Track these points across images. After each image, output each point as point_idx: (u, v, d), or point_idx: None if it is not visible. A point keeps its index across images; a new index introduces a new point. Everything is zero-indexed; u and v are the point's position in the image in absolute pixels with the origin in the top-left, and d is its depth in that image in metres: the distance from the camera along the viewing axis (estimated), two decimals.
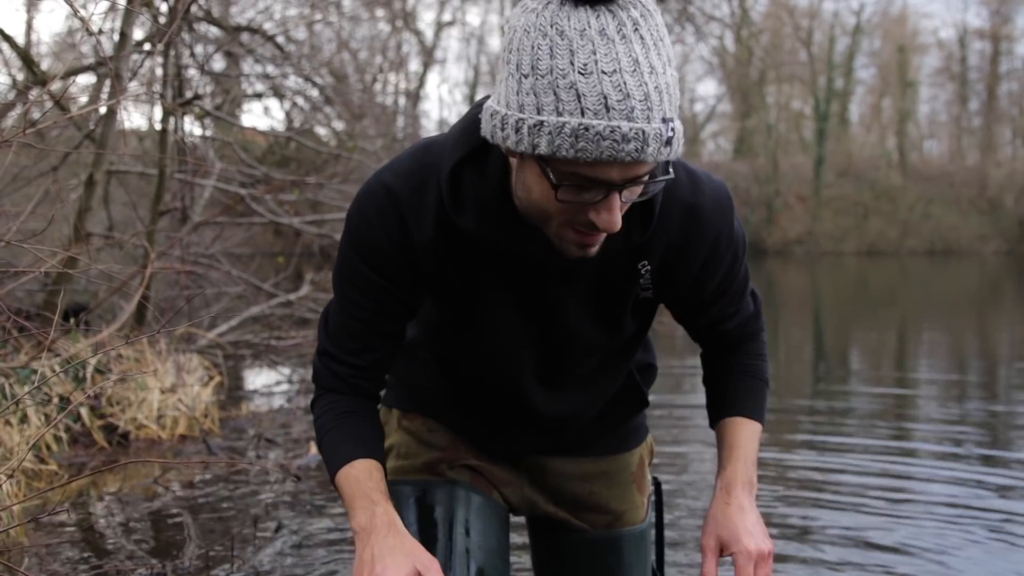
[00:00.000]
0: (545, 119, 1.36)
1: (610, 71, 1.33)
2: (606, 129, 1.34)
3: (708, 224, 1.64)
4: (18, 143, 2.87)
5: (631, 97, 1.33)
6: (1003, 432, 5.55)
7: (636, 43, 1.35)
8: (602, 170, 1.38)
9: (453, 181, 1.58)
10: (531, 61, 1.37)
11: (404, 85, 32.23)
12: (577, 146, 1.35)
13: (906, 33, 40.33)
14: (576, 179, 1.40)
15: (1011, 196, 35.92)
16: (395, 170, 1.65)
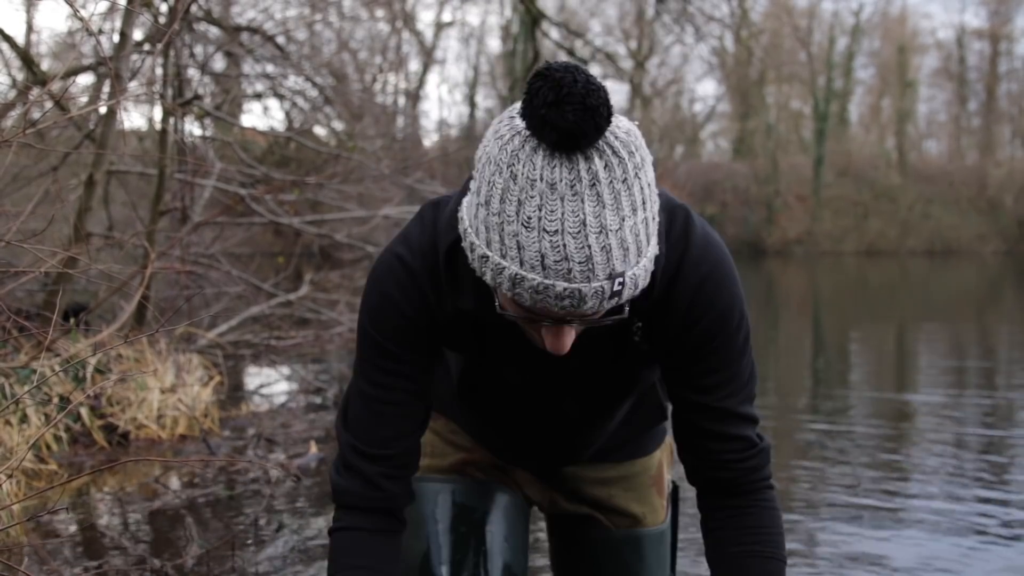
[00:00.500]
0: (490, 255, 1.35)
1: (552, 231, 1.29)
2: (540, 286, 1.32)
3: (688, 278, 1.56)
4: (18, 143, 2.87)
5: (569, 260, 1.29)
6: (1003, 430, 5.56)
7: (588, 201, 1.29)
8: (543, 310, 1.36)
9: (449, 263, 1.56)
10: (487, 195, 1.35)
11: (404, 85, 32.23)
12: (514, 291, 1.34)
13: (905, 33, 40.33)
14: (520, 311, 1.39)
15: (1010, 196, 35.92)
16: (410, 246, 1.61)
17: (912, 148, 40.22)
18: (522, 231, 1.31)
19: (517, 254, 1.32)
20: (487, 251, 1.36)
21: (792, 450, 4.99)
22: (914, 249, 34.83)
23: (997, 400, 6.68)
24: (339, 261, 10.40)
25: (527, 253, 1.31)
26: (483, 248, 1.37)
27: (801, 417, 5.96)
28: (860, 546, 3.41)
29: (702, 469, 1.64)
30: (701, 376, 1.60)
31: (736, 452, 1.61)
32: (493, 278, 1.36)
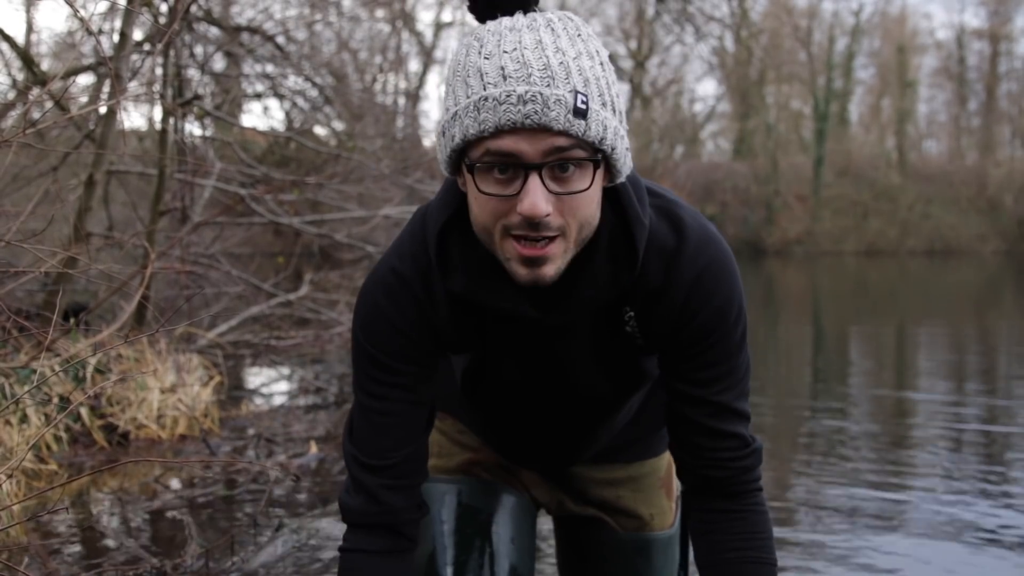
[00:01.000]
0: (456, 108, 1.40)
1: (511, 50, 1.37)
2: (502, 94, 1.35)
3: (685, 272, 1.55)
4: (18, 143, 2.87)
5: (528, 65, 1.36)
6: (1003, 429, 5.56)
7: (544, 32, 1.39)
8: (511, 143, 1.37)
9: (440, 244, 1.56)
10: (452, 67, 1.43)
11: (404, 85, 32.27)
12: (479, 118, 1.37)
13: (905, 33, 40.33)
14: (489, 157, 1.39)
15: (1010, 196, 35.93)
16: (401, 254, 1.62)
17: (912, 148, 40.22)
18: (483, 62, 1.38)
19: (480, 82, 1.37)
20: (455, 107, 1.41)
21: (792, 447, 4.99)
22: (914, 249, 34.84)
23: (997, 400, 6.68)
24: (339, 261, 10.40)
25: (489, 77, 1.37)
26: (451, 111, 1.41)
27: (802, 415, 5.96)
28: (859, 543, 3.41)
29: (695, 467, 1.63)
30: (698, 370, 1.59)
31: (730, 451, 1.61)
32: (461, 128, 1.40)
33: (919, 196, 36.21)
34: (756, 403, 6.08)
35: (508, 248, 1.46)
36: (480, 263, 1.54)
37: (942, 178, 37.32)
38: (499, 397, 1.75)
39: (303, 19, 10.09)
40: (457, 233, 1.55)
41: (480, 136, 1.38)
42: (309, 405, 6.15)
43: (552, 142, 1.38)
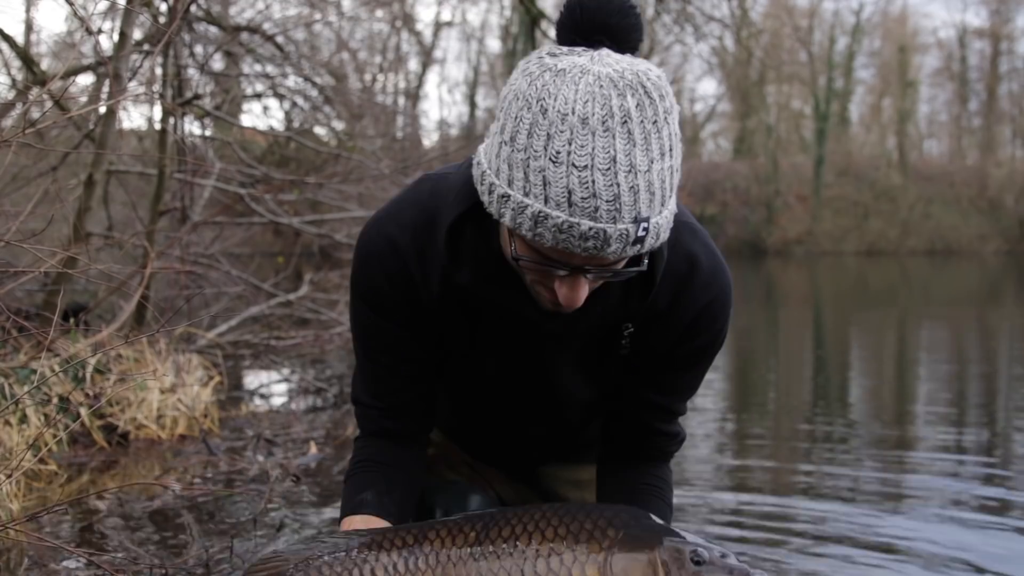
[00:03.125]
0: (512, 194, 1.33)
1: (581, 166, 1.27)
2: (564, 224, 1.30)
3: (695, 300, 1.60)
4: (18, 143, 2.87)
5: (597, 196, 1.28)
6: (1004, 431, 5.55)
7: (620, 138, 1.28)
8: (562, 255, 1.35)
9: (452, 236, 1.56)
10: (512, 131, 1.33)
11: (403, 85, 32.26)
12: (536, 231, 1.32)
13: (906, 33, 40.32)
14: (537, 256, 1.38)
15: (1011, 196, 35.92)
16: (400, 222, 1.61)
17: (913, 148, 40.21)
18: (549, 166, 1.29)
19: (542, 191, 1.30)
20: (508, 190, 1.34)
21: (791, 459, 4.98)
22: (915, 249, 34.84)
23: (997, 399, 6.67)
24: (339, 261, 10.38)
25: (553, 189, 1.29)
26: (504, 187, 1.35)
27: (801, 415, 5.95)
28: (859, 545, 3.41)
29: (623, 444, 1.76)
30: (671, 382, 1.69)
31: (665, 443, 1.77)
32: (513, 219, 1.34)
33: (920, 196, 36.20)
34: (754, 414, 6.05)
35: (540, 293, 1.48)
36: (490, 261, 1.55)
37: (943, 178, 37.31)
38: (477, 392, 1.76)
39: (303, 19, 10.08)
40: (471, 228, 1.54)
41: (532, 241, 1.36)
42: (309, 406, 6.15)
43: (603, 262, 1.38)
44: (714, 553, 1.51)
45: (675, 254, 1.57)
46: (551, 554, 1.54)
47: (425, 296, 1.61)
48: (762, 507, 3.82)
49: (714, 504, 3.88)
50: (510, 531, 1.58)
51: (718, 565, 1.48)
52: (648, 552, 1.50)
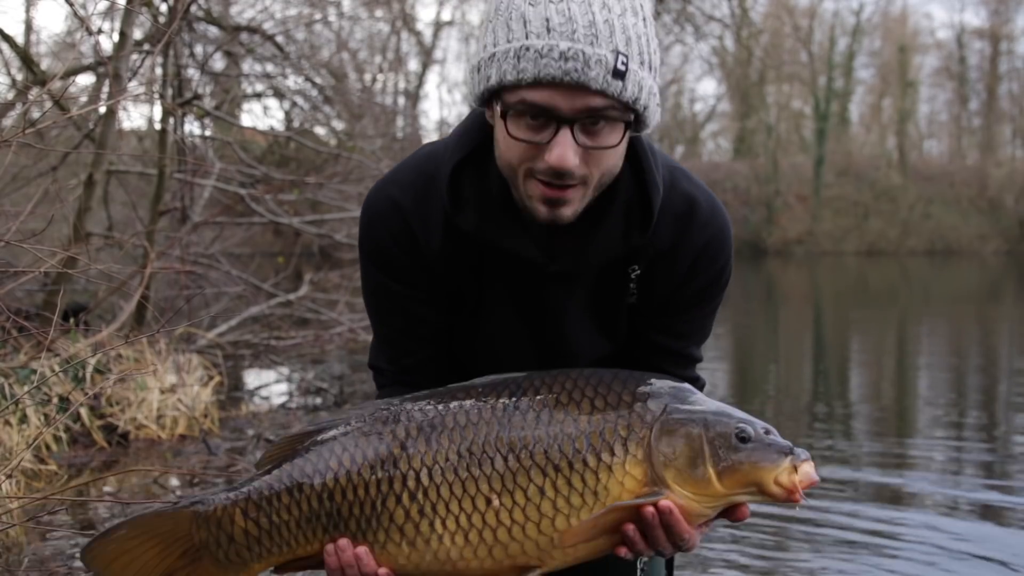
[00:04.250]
0: (496, 50, 1.43)
1: (557, 0, 1.39)
2: (544, 47, 1.39)
3: (697, 237, 1.65)
4: (18, 143, 2.87)
5: (573, 20, 1.38)
6: (1002, 430, 5.55)
7: None
8: (547, 96, 1.41)
9: (453, 181, 1.61)
10: (494, 5, 1.46)
11: (403, 85, 32.26)
12: (519, 67, 1.41)
13: (906, 33, 40.30)
14: (523, 106, 1.43)
15: (1011, 196, 35.90)
16: (399, 182, 1.68)
17: (913, 148, 40.19)
18: (528, 8, 1.41)
19: (523, 29, 1.40)
20: (493, 49, 1.44)
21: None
22: (915, 249, 34.82)
23: (996, 400, 6.67)
24: (339, 261, 10.38)
25: (533, 25, 1.40)
26: (489, 51, 1.44)
27: (801, 420, 5.95)
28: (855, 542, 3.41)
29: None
30: (680, 324, 1.70)
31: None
32: (499, 71, 1.43)
33: (920, 196, 36.18)
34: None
35: (531, 188, 1.51)
36: (493, 204, 1.60)
37: (943, 178, 37.29)
38: (487, 352, 1.76)
39: (303, 19, 10.08)
40: (472, 172, 1.60)
41: (517, 84, 1.42)
42: (309, 406, 6.14)
43: (587, 101, 1.42)
44: (759, 429, 1.47)
45: (673, 195, 1.64)
46: (591, 430, 1.49)
47: (429, 252, 1.65)
48: (760, 504, 3.82)
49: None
50: (542, 402, 1.51)
51: (764, 442, 1.46)
52: (693, 430, 1.46)
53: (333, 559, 1.52)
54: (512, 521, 1.50)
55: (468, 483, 1.50)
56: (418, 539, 1.52)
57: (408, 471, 1.52)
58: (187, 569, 1.57)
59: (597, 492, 1.47)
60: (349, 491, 1.53)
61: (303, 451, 1.57)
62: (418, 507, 1.51)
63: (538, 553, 1.51)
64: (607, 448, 1.48)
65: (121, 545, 1.56)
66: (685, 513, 1.45)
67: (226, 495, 1.58)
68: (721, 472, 1.45)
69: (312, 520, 1.54)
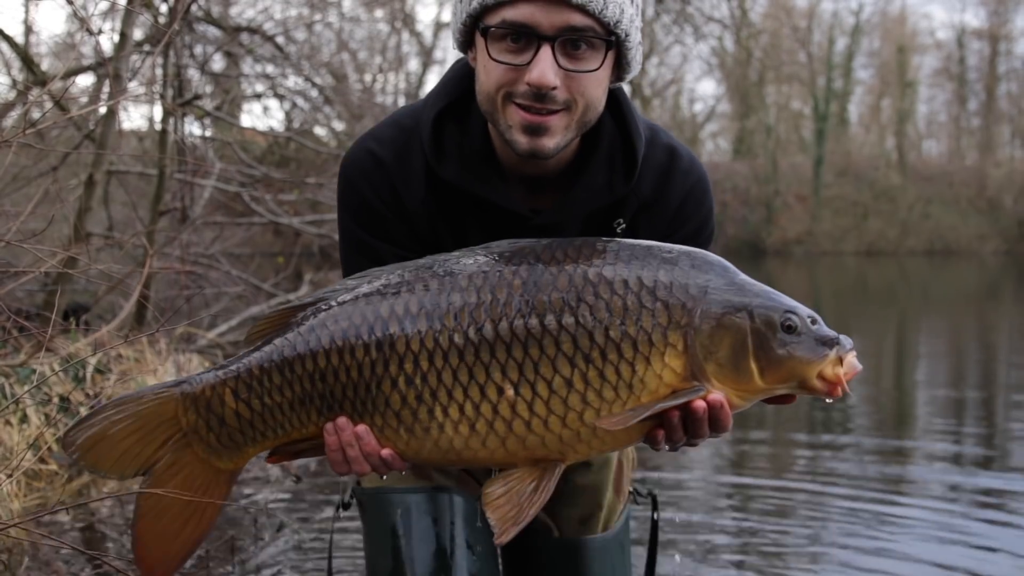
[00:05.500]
0: None
1: None
2: None
3: (679, 185, 1.67)
4: (18, 143, 2.87)
5: None
6: (1001, 432, 5.55)
7: None
8: (528, 12, 1.42)
9: (435, 131, 1.60)
10: None
11: (403, 85, 32.20)
12: None
13: (905, 33, 40.30)
14: (505, 26, 1.44)
15: (1010, 196, 35.88)
16: (377, 137, 1.67)
17: (912, 148, 40.18)
18: None
19: None
20: None
21: (790, 456, 4.99)
22: (914, 249, 34.81)
23: (996, 400, 6.67)
24: (339, 261, 10.38)
25: None
26: None
27: (799, 420, 5.95)
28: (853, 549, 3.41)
29: None
30: None
31: None
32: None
33: (919, 196, 36.17)
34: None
35: (511, 114, 1.50)
36: (474, 155, 1.59)
37: (942, 178, 37.28)
38: None
39: (303, 19, 10.08)
40: (453, 122, 1.60)
41: (498, 2, 1.43)
42: None
43: (568, 18, 1.43)
44: (804, 318, 1.39)
45: (653, 147, 1.66)
46: (625, 316, 1.35)
47: (411, 206, 1.63)
48: (761, 496, 3.83)
49: (713, 490, 3.88)
50: (567, 280, 1.35)
51: (810, 334, 1.37)
52: (738, 321, 1.36)
53: (332, 438, 1.45)
54: (532, 413, 1.37)
55: (476, 370, 1.37)
56: (416, 426, 1.41)
57: (405, 352, 1.39)
58: (174, 456, 1.47)
59: (632, 385, 1.35)
60: (342, 372, 1.41)
61: (295, 325, 1.46)
62: (415, 393, 1.40)
63: (560, 447, 1.39)
64: (644, 337, 1.35)
65: (102, 429, 1.45)
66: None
67: (214, 374, 1.48)
68: (764, 367, 1.37)
69: (306, 402, 1.44)
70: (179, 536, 1.50)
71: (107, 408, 1.48)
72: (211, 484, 1.50)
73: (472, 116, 1.59)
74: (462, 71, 1.63)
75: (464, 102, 1.60)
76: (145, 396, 1.48)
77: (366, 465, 1.45)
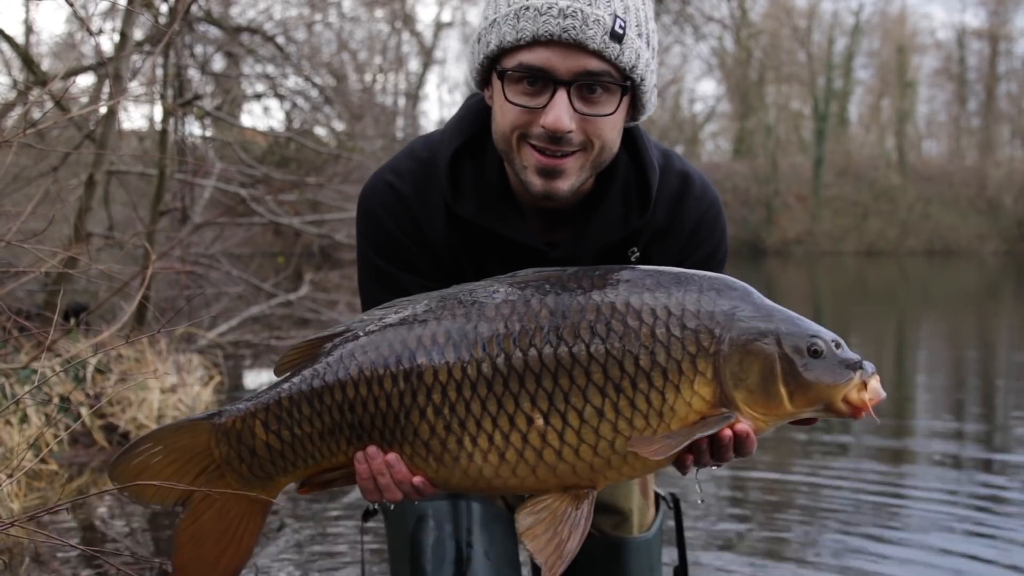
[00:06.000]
0: (496, 17, 1.46)
1: None
2: (544, 5, 1.41)
3: (692, 210, 1.67)
4: (18, 143, 2.87)
5: None
6: (1000, 431, 5.56)
7: None
8: (545, 57, 1.43)
9: (452, 169, 1.61)
10: None
11: (403, 85, 32.23)
12: (518, 26, 1.42)
13: (905, 33, 40.30)
14: (522, 69, 1.44)
15: (1010, 196, 35.89)
16: (396, 170, 1.67)
17: (912, 148, 40.18)
18: None
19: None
20: (494, 15, 1.47)
21: (790, 458, 4.99)
22: (914, 249, 34.82)
23: (995, 399, 6.68)
24: (339, 261, 10.39)
25: None
26: (491, 17, 1.47)
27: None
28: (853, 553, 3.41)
29: None
30: None
31: None
32: (498, 35, 1.45)
33: (919, 196, 36.18)
34: None
35: (526, 156, 1.51)
36: (491, 191, 1.60)
37: (942, 178, 37.28)
38: None
39: (303, 19, 10.09)
40: (469, 159, 1.61)
41: (516, 45, 1.44)
42: None
43: (584, 63, 1.44)
44: (829, 342, 1.42)
45: (667, 174, 1.67)
46: (654, 344, 1.35)
47: (433, 239, 1.63)
48: (759, 495, 3.83)
49: (714, 487, 3.89)
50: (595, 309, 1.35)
51: (835, 358, 1.40)
52: (767, 348, 1.38)
53: (363, 467, 1.45)
54: (562, 443, 1.37)
55: (505, 400, 1.37)
56: (445, 456, 1.41)
57: (433, 383, 1.39)
58: (210, 487, 1.51)
59: (663, 413, 1.36)
60: (370, 403, 1.42)
61: (323, 356, 1.46)
62: (444, 423, 1.40)
63: (590, 474, 1.40)
64: (675, 366, 1.36)
65: (143, 460, 1.49)
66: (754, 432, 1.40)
67: (245, 405, 1.49)
68: (793, 392, 1.39)
69: (335, 432, 1.45)
70: (217, 566, 1.57)
71: (146, 440, 1.52)
72: (246, 514, 1.53)
73: (488, 153, 1.60)
74: (477, 107, 1.64)
75: (480, 138, 1.61)
76: (181, 428, 1.52)
77: (398, 492, 1.46)
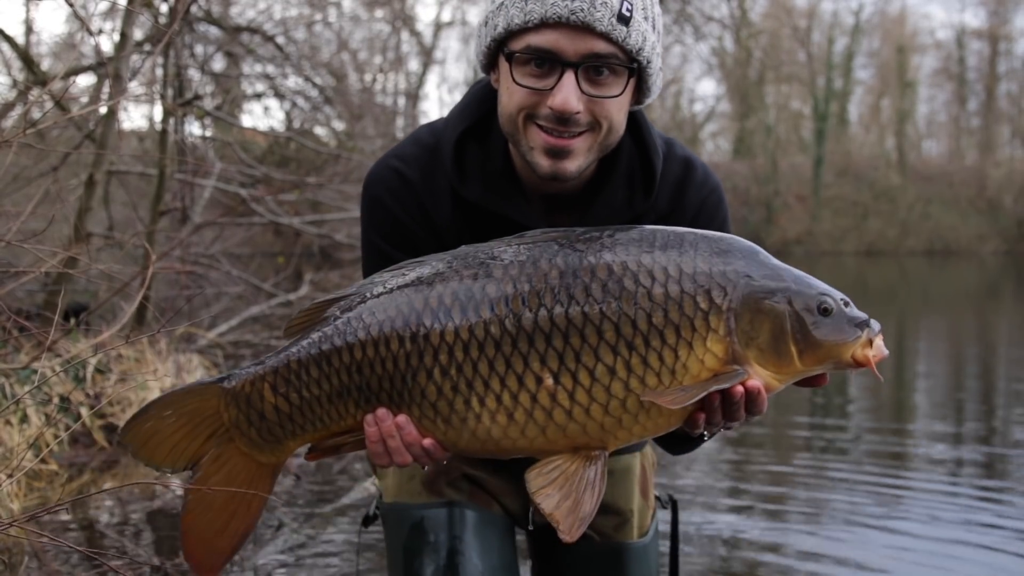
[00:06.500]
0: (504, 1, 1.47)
1: None
2: None
3: (694, 195, 1.70)
4: (18, 143, 2.87)
5: None
6: (1000, 432, 5.56)
7: None
8: (552, 39, 1.44)
9: (457, 152, 1.62)
10: None
11: (403, 85, 32.23)
12: (526, 9, 1.44)
13: (905, 33, 40.31)
14: (529, 51, 1.46)
15: (1010, 196, 35.89)
16: (401, 156, 1.68)
17: (912, 148, 40.18)
18: None
19: None
20: (501, 1, 1.48)
21: (789, 459, 4.99)
22: (914, 249, 34.83)
23: (995, 400, 6.68)
24: (339, 261, 10.39)
25: None
26: (498, 1, 1.48)
27: (800, 421, 5.96)
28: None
29: None
30: None
31: None
32: (506, 18, 1.46)
33: (919, 196, 36.18)
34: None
35: (533, 136, 1.52)
36: (496, 174, 1.61)
37: (942, 178, 37.29)
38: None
39: (303, 19, 10.09)
40: (474, 142, 1.63)
41: (524, 27, 1.45)
42: None
43: (592, 45, 1.45)
44: (838, 301, 1.42)
45: (670, 160, 1.69)
46: (666, 302, 1.36)
47: (440, 221, 1.64)
48: (760, 493, 3.83)
49: (713, 484, 3.89)
50: (606, 267, 1.37)
51: (843, 316, 1.41)
52: (778, 306, 1.39)
53: (372, 429, 1.45)
54: (573, 402, 1.38)
55: (514, 360, 1.37)
56: (453, 417, 1.41)
57: (440, 344, 1.40)
58: (218, 450, 1.51)
59: (675, 371, 1.37)
60: (378, 364, 1.42)
61: (331, 319, 1.47)
62: (451, 384, 1.40)
63: (601, 434, 1.40)
64: (687, 323, 1.37)
65: (154, 424, 1.50)
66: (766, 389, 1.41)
67: (253, 369, 1.50)
68: (803, 350, 1.40)
69: (344, 394, 1.45)
70: (226, 530, 1.55)
71: (157, 403, 1.52)
72: (255, 477, 1.54)
73: (493, 136, 1.61)
74: (482, 93, 1.65)
75: (485, 123, 1.62)
76: (191, 391, 1.53)
77: (407, 455, 1.46)
